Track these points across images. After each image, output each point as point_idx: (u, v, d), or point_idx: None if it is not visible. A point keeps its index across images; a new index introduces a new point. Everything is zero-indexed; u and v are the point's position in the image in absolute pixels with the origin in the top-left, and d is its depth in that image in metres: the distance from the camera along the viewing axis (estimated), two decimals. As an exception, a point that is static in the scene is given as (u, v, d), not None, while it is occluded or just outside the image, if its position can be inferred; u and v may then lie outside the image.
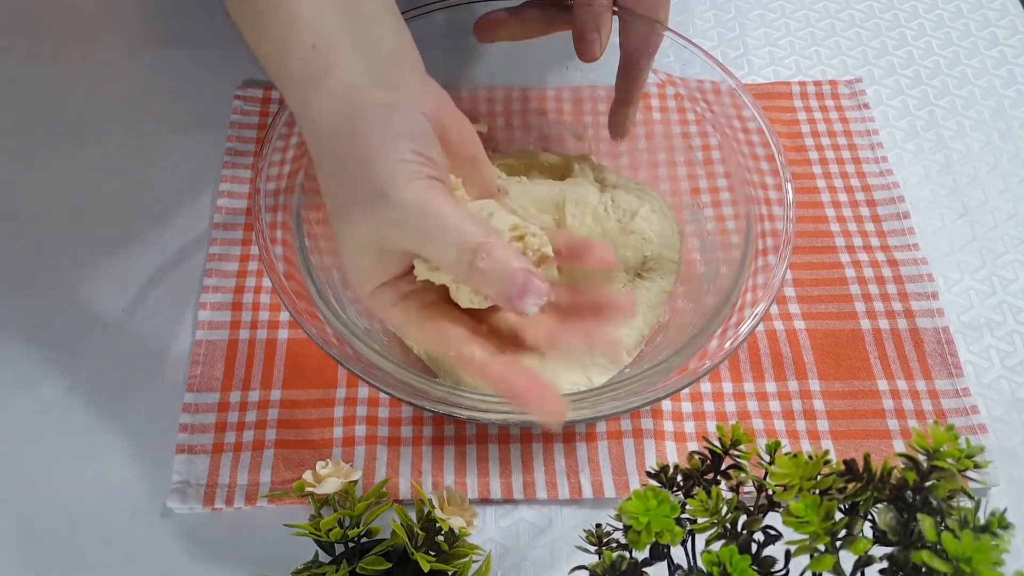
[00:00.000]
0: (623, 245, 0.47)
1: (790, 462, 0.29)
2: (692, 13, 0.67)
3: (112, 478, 0.44)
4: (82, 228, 0.53)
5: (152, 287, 0.51)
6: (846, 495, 0.28)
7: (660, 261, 0.48)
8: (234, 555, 0.42)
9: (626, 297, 0.41)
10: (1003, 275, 0.53)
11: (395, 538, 0.35)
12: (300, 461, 0.45)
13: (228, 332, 0.49)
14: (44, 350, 0.49)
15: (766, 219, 0.43)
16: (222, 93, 0.60)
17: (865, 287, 0.52)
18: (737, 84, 0.47)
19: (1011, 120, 0.60)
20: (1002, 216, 0.55)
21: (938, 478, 0.27)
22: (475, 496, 0.44)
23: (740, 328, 0.39)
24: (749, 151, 0.46)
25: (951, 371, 0.48)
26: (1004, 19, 0.67)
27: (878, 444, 0.46)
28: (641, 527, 0.28)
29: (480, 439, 0.46)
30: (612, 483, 0.44)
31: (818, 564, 0.26)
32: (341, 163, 0.34)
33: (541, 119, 0.56)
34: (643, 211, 0.48)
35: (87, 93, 0.60)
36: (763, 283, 0.41)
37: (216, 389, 0.47)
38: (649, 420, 0.46)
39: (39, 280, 0.51)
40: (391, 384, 0.38)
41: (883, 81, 0.63)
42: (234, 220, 0.54)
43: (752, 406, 0.47)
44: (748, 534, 0.29)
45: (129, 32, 0.65)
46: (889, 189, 0.56)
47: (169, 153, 0.57)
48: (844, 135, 0.59)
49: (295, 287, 0.40)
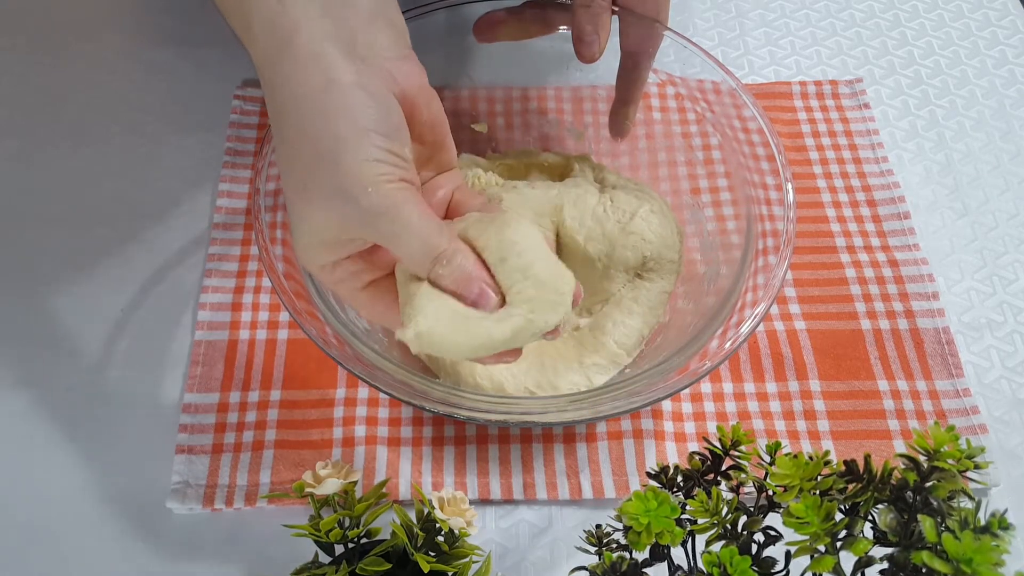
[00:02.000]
0: (623, 246, 0.47)
1: (790, 463, 0.29)
2: (692, 13, 0.67)
3: (112, 478, 0.44)
4: (82, 228, 0.53)
5: (152, 287, 0.51)
6: (846, 496, 0.28)
7: (660, 261, 0.48)
8: (234, 556, 0.42)
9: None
10: (1004, 275, 0.53)
11: (395, 539, 0.35)
12: (300, 462, 0.45)
13: (228, 332, 0.49)
14: (44, 350, 0.49)
15: (766, 219, 0.43)
16: (222, 93, 0.60)
17: (866, 287, 0.51)
18: (737, 84, 0.47)
19: (1012, 120, 0.60)
20: (1003, 216, 0.55)
21: (938, 479, 0.27)
22: (475, 496, 0.44)
23: (740, 328, 0.39)
24: (749, 151, 0.46)
25: (951, 371, 0.48)
26: (1005, 19, 0.67)
27: (879, 444, 0.46)
28: (641, 528, 0.28)
29: (480, 439, 0.46)
30: (612, 484, 0.44)
31: (818, 565, 0.26)
32: (302, 144, 0.32)
33: (541, 119, 0.56)
34: (642, 211, 0.48)
35: (87, 93, 0.60)
36: (763, 283, 0.41)
37: (216, 389, 0.47)
38: (649, 420, 0.46)
39: (39, 280, 0.51)
40: (391, 385, 0.38)
41: (884, 81, 0.63)
42: (234, 220, 0.54)
43: (752, 406, 0.47)
44: (748, 535, 0.29)
45: (129, 32, 0.65)
46: (890, 189, 0.56)
47: (169, 153, 0.57)
48: (844, 135, 0.59)
49: (295, 287, 0.40)
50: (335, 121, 0.31)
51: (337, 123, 0.31)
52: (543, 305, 0.33)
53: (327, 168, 0.32)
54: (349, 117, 0.31)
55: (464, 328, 0.33)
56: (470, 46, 0.51)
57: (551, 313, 0.34)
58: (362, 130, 0.31)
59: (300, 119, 0.32)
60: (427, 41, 0.48)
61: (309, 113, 0.32)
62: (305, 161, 0.32)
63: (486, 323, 0.33)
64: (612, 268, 0.48)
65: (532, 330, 0.33)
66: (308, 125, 0.32)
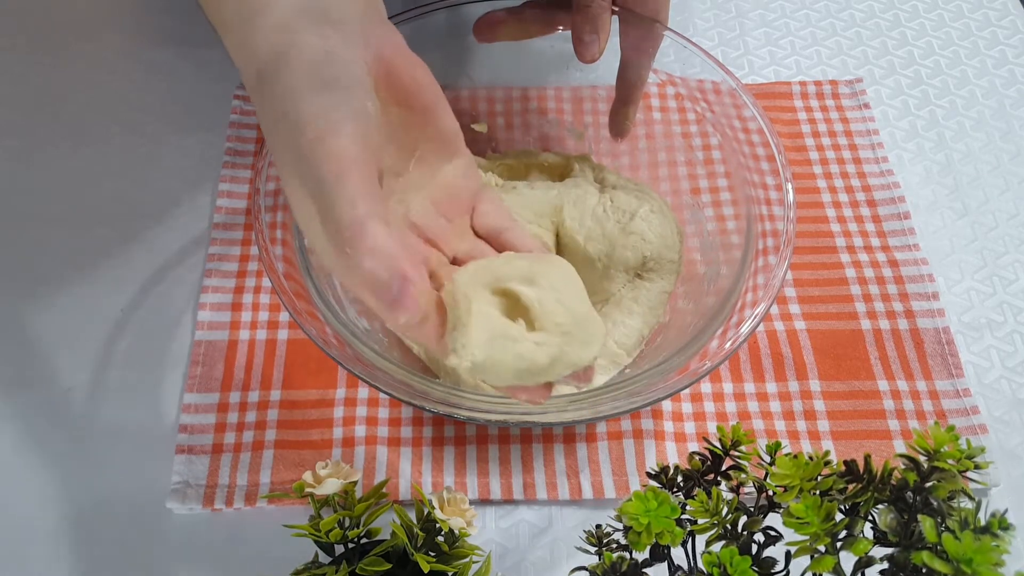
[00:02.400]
0: (623, 246, 0.47)
1: (790, 463, 0.29)
2: (692, 13, 0.67)
3: (112, 478, 0.44)
4: (82, 228, 0.53)
5: (152, 287, 0.51)
6: (846, 496, 0.28)
7: (660, 262, 0.48)
8: (234, 556, 0.42)
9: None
10: (1004, 275, 0.53)
11: (395, 539, 0.35)
12: (300, 462, 0.45)
13: (228, 332, 0.49)
14: (44, 350, 0.49)
15: (766, 219, 0.43)
16: (222, 93, 0.60)
17: (866, 287, 0.51)
18: (737, 84, 0.47)
19: (1012, 120, 0.60)
20: (1003, 216, 0.55)
21: (938, 479, 0.27)
22: (475, 497, 0.44)
23: (740, 328, 0.39)
24: (749, 151, 0.46)
25: (952, 371, 0.48)
26: (1005, 19, 0.67)
27: (879, 444, 0.46)
28: (641, 528, 0.28)
29: (480, 439, 0.46)
30: (612, 484, 0.44)
31: (818, 565, 0.26)
32: (276, 120, 0.31)
33: (541, 119, 0.56)
34: (642, 211, 0.48)
35: (87, 93, 0.60)
36: (763, 283, 0.41)
37: (216, 390, 0.47)
38: (649, 421, 0.46)
39: (39, 280, 0.51)
40: (391, 385, 0.38)
41: (884, 81, 0.63)
42: (234, 220, 0.54)
43: (753, 407, 0.47)
44: (748, 535, 0.29)
45: (129, 32, 0.65)
46: (890, 189, 0.56)
47: (169, 153, 0.57)
48: (844, 135, 0.59)
49: (294, 287, 0.40)
50: (302, 99, 0.30)
51: (304, 101, 0.30)
52: (576, 340, 0.33)
53: (303, 159, 0.30)
54: (315, 93, 0.30)
55: (510, 351, 0.32)
56: (470, 46, 0.51)
57: (583, 349, 0.33)
58: (331, 111, 0.30)
59: (270, 91, 0.31)
60: (427, 41, 0.48)
61: (278, 88, 0.31)
62: (282, 143, 0.31)
63: (528, 346, 0.32)
64: (612, 268, 0.48)
65: (565, 361, 0.33)
66: (279, 102, 0.31)
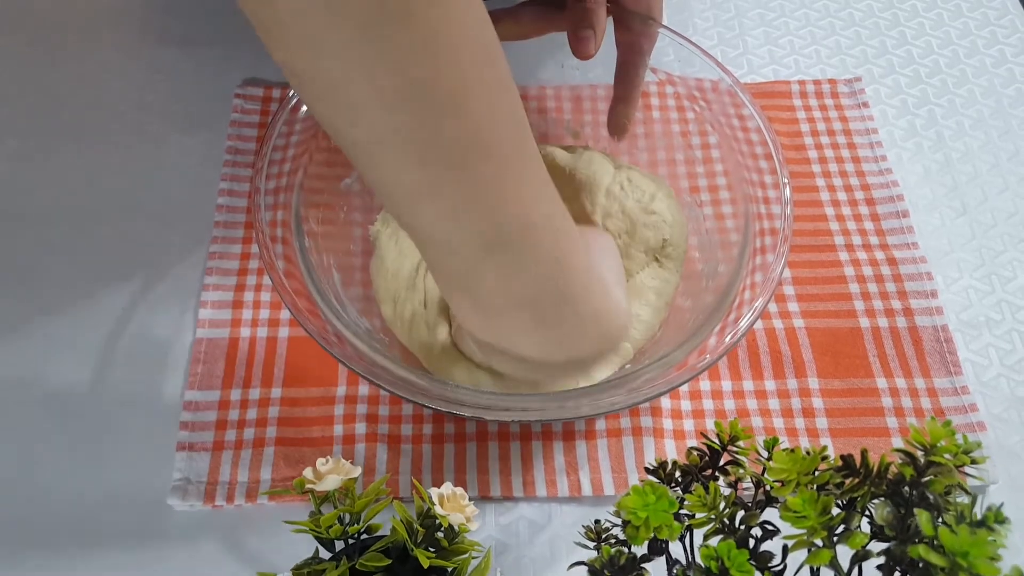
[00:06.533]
0: (644, 224, 0.47)
1: (787, 457, 0.29)
2: (692, 12, 0.67)
3: (112, 476, 0.44)
4: (82, 228, 0.53)
5: (152, 286, 0.51)
6: (843, 490, 0.28)
7: (676, 248, 0.48)
8: (235, 552, 0.43)
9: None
10: (1002, 274, 0.53)
11: (395, 535, 0.35)
12: (301, 458, 0.45)
13: (229, 330, 0.49)
14: (45, 348, 0.49)
15: (764, 217, 0.44)
16: (222, 92, 0.60)
17: (864, 285, 0.52)
18: (736, 83, 0.47)
19: (1010, 119, 0.60)
20: (1001, 215, 0.55)
21: (935, 473, 0.27)
22: (475, 493, 0.44)
23: (739, 324, 0.39)
24: (748, 150, 0.46)
25: (950, 369, 0.48)
26: (1003, 18, 0.67)
27: (877, 442, 0.46)
28: (640, 522, 0.28)
29: (480, 437, 0.46)
30: (611, 480, 0.44)
31: (815, 559, 0.27)
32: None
33: (540, 118, 0.57)
34: (660, 194, 0.48)
35: (87, 93, 0.61)
36: (761, 280, 0.41)
37: (217, 387, 0.47)
38: (648, 418, 0.46)
39: (39, 280, 0.51)
40: (391, 382, 0.38)
41: (882, 80, 0.63)
42: (234, 219, 0.54)
43: (751, 404, 0.47)
44: (746, 529, 0.29)
45: (129, 32, 0.65)
46: (888, 188, 0.56)
47: (169, 152, 0.58)
48: (843, 134, 0.59)
49: (295, 286, 0.41)
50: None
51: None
52: None
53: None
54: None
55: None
56: (469, 45, 0.51)
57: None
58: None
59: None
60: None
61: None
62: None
63: None
64: (633, 247, 0.48)
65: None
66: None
